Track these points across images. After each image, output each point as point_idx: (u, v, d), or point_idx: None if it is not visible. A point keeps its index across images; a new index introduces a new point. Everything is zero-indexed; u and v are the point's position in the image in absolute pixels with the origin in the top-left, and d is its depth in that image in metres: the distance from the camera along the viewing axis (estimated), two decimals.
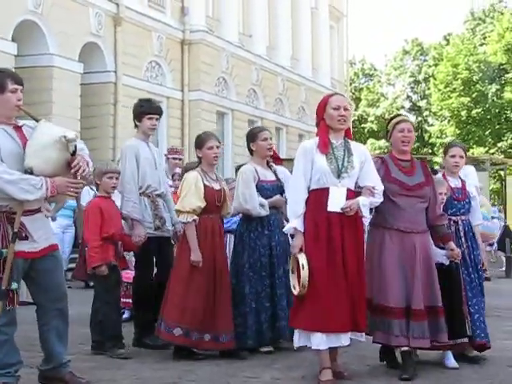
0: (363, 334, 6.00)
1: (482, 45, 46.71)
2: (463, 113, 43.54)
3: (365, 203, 5.77)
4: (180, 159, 10.44)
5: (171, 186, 9.67)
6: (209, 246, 6.69)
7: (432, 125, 50.72)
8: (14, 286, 4.91)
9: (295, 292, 5.73)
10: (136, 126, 7.51)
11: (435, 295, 6.03)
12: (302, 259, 5.64)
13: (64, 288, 5.39)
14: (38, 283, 5.21)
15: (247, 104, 30.84)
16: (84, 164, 5.01)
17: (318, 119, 5.99)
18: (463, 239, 6.63)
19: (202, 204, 6.65)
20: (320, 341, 5.64)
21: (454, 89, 43.49)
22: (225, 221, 7.53)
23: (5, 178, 4.81)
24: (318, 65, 37.68)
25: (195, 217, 6.64)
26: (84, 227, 7.20)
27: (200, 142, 6.96)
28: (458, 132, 43.65)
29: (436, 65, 49.17)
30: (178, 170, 9.70)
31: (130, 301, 9.04)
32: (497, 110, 42.56)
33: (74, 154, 4.97)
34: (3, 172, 4.82)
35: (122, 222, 7.31)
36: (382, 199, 5.95)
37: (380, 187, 5.92)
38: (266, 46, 32.55)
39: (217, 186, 6.84)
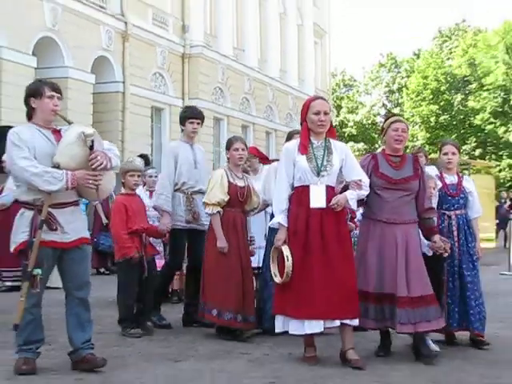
0: (354, 319, 5.46)
1: (448, 59, 46.86)
2: (432, 119, 43.72)
3: (352, 197, 5.54)
4: None
5: None
6: (233, 236, 6.60)
7: None
8: (36, 271, 4.83)
9: (276, 280, 5.59)
10: (182, 130, 7.50)
11: (424, 284, 5.68)
12: (286, 251, 5.47)
13: (87, 279, 5.27)
14: (65, 272, 5.18)
15: (241, 111, 30.88)
16: (102, 158, 4.92)
17: (302, 120, 5.80)
18: (455, 233, 6.32)
19: (226, 198, 6.57)
20: (296, 326, 5.47)
21: (424, 98, 43.63)
22: None
23: (31, 170, 4.82)
24: (304, 76, 37.72)
25: (219, 208, 6.57)
26: (111, 223, 7.19)
27: (228, 145, 6.89)
28: (428, 136, 43.77)
29: (408, 76, 49.29)
30: None
31: None
32: (461, 117, 42.71)
33: (91, 148, 4.91)
34: (30, 166, 4.83)
35: (154, 212, 7.36)
36: (368, 191, 5.69)
37: (366, 180, 5.65)
38: (258, 59, 32.58)
39: (241, 183, 6.76)
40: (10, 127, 5.78)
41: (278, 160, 6.75)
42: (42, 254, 4.89)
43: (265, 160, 7.99)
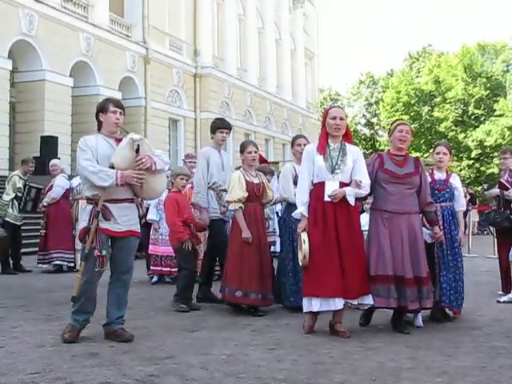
0: (359, 299, 5.37)
1: (417, 77, 46.74)
2: None
3: (350, 193, 5.40)
4: (194, 162, 10.39)
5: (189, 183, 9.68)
6: (254, 227, 6.51)
7: (381, 136, 50.75)
8: (104, 252, 4.97)
9: (300, 263, 5.44)
10: (212, 137, 7.46)
11: (420, 266, 5.50)
12: (304, 236, 5.37)
13: (131, 265, 5.26)
14: (114, 257, 5.18)
15: (244, 121, 30.91)
16: (147, 161, 4.98)
17: (322, 126, 5.66)
18: (440, 222, 6.14)
19: (245, 194, 6.51)
20: (314, 303, 5.32)
21: (397, 109, 43.51)
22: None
23: (89, 169, 4.95)
24: (297, 91, 37.70)
25: (241, 204, 6.51)
26: (166, 214, 7.25)
27: (242, 148, 6.83)
28: None
29: (384, 91, 49.16)
30: (194, 171, 9.64)
31: (158, 268, 9.14)
32: (428, 125, 42.58)
33: (137, 151, 4.97)
34: (89, 165, 4.95)
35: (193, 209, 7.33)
36: (367, 192, 5.53)
37: (366, 181, 5.49)
38: (258, 78, 32.59)
39: (256, 181, 6.68)
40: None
41: (276, 162, 6.80)
42: (102, 238, 5.00)
43: (264, 162, 8.00)
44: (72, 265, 10.45)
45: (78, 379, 4.02)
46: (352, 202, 5.43)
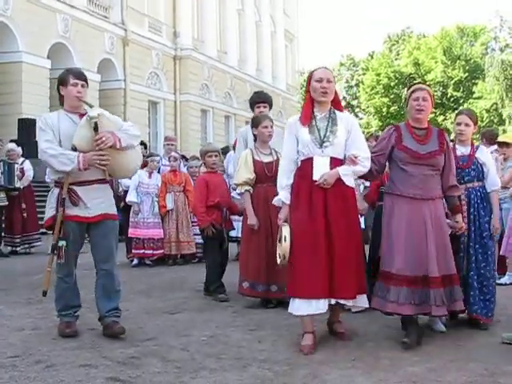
0: (355, 299, 4.44)
1: (396, 59, 46.83)
2: (384, 109, 43.78)
3: (345, 172, 4.41)
4: (173, 145, 10.35)
5: (167, 166, 9.66)
6: (263, 211, 5.80)
7: (361, 118, 50.79)
8: (61, 243, 4.54)
9: (278, 262, 4.48)
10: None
11: (448, 262, 4.53)
12: (285, 231, 4.40)
13: (111, 252, 4.77)
14: (92, 245, 4.76)
15: (223, 103, 30.84)
16: (108, 139, 4.48)
17: (306, 92, 4.67)
18: (464, 207, 5.00)
19: (252, 176, 5.84)
20: (298, 306, 4.36)
21: (377, 92, 43.66)
22: None
23: (49, 152, 4.52)
24: (277, 74, 37.63)
25: (247, 187, 5.87)
26: (194, 197, 6.91)
27: (257, 122, 5.97)
28: (380, 124, 43.82)
29: (364, 74, 49.20)
30: (174, 154, 9.61)
31: (140, 251, 9.13)
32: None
33: (96, 129, 4.48)
34: (49, 148, 4.53)
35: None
36: (366, 168, 4.51)
37: (365, 155, 4.49)
38: (238, 60, 32.47)
39: (268, 159, 5.89)
40: None
41: None
42: (68, 227, 4.60)
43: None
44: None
45: (58, 362, 4.01)
46: (349, 182, 4.48)
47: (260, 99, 6.61)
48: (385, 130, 4.89)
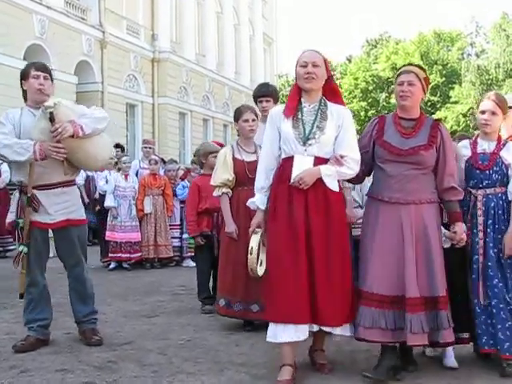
0: (336, 327, 3.74)
1: (374, 63, 47.15)
2: (362, 114, 44.03)
3: (328, 173, 3.70)
4: (151, 148, 10.31)
5: (146, 169, 9.62)
6: (243, 218, 4.92)
7: None
8: (21, 248, 4.35)
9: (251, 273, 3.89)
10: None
11: (434, 281, 3.73)
12: (253, 241, 3.83)
13: (78, 257, 4.54)
14: (58, 251, 4.58)
15: (202, 106, 30.83)
16: (65, 128, 4.17)
17: (295, 80, 3.95)
18: (481, 218, 4.02)
19: (230, 177, 5.12)
20: (275, 332, 3.69)
21: (355, 96, 43.94)
22: None
23: (3, 142, 4.22)
24: (255, 77, 37.64)
25: (225, 189, 5.16)
26: (186, 203, 6.70)
27: (237, 115, 5.28)
28: (359, 128, 44.07)
29: (342, 78, 49.46)
30: (154, 157, 9.59)
31: (117, 255, 9.07)
32: (386, 112, 43.05)
33: (51, 119, 4.19)
34: (4, 138, 4.23)
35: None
36: (353, 170, 3.78)
37: (353, 156, 3.77)
38: (216, 63, 32.49)
39: (249, 158, 5.14)
40: None
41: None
42: (31, 233, 4.40)
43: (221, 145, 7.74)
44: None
45: (33, 367, 3.98)
46: (331, 185, 3.74)
47: (260, 93, 5.59)
48: (369, 123, 4.18)
